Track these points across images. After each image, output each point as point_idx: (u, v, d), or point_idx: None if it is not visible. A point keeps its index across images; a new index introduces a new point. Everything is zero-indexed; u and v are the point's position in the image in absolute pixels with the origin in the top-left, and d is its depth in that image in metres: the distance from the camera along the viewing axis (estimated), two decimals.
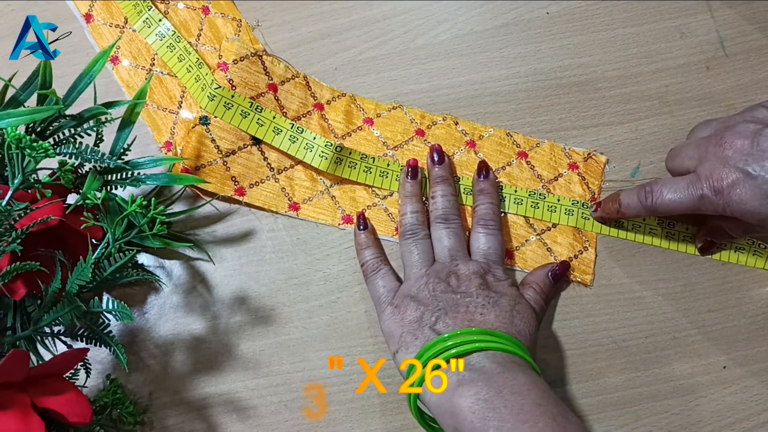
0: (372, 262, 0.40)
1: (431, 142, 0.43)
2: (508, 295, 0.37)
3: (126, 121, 0.38)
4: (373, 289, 0.40)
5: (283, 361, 0.40)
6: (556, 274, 0.40)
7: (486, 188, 0.42)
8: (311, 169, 0.43)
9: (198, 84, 0.42)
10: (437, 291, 0.37)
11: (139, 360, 0.40)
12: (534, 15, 0.46)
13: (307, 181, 0.43)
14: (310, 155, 0.42)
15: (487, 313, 0.36)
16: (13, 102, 0.36)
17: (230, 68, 0.42)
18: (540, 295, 0.39)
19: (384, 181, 0.43)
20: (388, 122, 0.44)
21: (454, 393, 0.32)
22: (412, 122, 0.44)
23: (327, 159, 0.41)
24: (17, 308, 0.35)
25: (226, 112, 0.41)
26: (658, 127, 0.44)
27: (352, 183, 0.43)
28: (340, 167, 0.42)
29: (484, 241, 0.40)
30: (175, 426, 0.39)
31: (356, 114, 0.44)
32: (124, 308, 0.33)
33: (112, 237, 0.34)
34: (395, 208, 0.43)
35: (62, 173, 0.34)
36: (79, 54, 0.45)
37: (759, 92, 0.45)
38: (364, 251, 0.41)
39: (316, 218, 0.42)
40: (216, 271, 0.42)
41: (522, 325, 0.36)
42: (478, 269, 0.38)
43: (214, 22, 0.45)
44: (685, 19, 0.46)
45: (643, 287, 0.42)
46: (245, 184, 0.42)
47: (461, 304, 0.36)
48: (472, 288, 0.37)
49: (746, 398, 0.40)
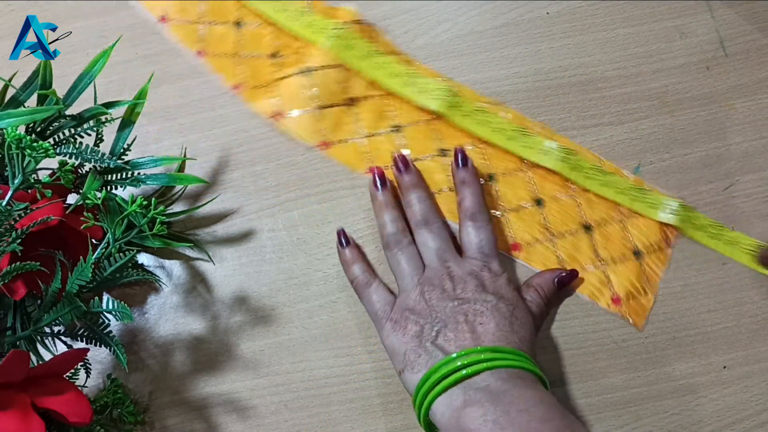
0: (362, 277, 0.40)
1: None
2: (506, 298, 0.37)
3: (126, 121, 0.38)
4: (367, 304, 0.39)
5: (283, 361, 0.40)
6: (563, 281, 0.40)
7: (467, 178, 0.40)
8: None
9: (310, 29, 0.43)
10: (433, 300, 0.37)
11: (139, 360, 0.40)
12: (534, 15, 0.46)
13: (390, 150, 0.43)
14: (423, 97, 0.42)
15: (486, 321, 0.35)
16: (13, 102, 0.36)
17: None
18: (543, 299, 0.39)
19: (494, 135, 0.43)
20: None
21: (462, 414, 0.32)
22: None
23: (440, 101, 0.42)
24: (17, 308, 0.35)
25: (345, 53, 0.43)
26: (658, 127, 0.44)
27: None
28: (453, 111, 0.42)
29: (475, 235, 0.39)
30: (175, 426, 0.39)
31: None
32: (124, 308, 0.33)
33: (112, 237, 0.34)
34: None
35: (62, 173, 0.34)
36: (79, 54, 0.45)
37: (759, 92, 0.44)
38: (352, 267, 0.40)
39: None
40: (216, 271, 0.42)
41: (522, 331, 0.36)
42: (471, 268, 0.38)
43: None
44: (685, 19, 0.46)
45: None
46: (334, 138, 0.43)
47: (459, 312, 0.36)
48: (469, 292, 0.37)
49: (746, 398, 0.40)
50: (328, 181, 0.43)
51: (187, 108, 0.45)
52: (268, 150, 0.44)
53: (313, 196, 0.43)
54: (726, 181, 0.43)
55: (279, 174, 0.44)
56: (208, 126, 0.45)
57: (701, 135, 0.44)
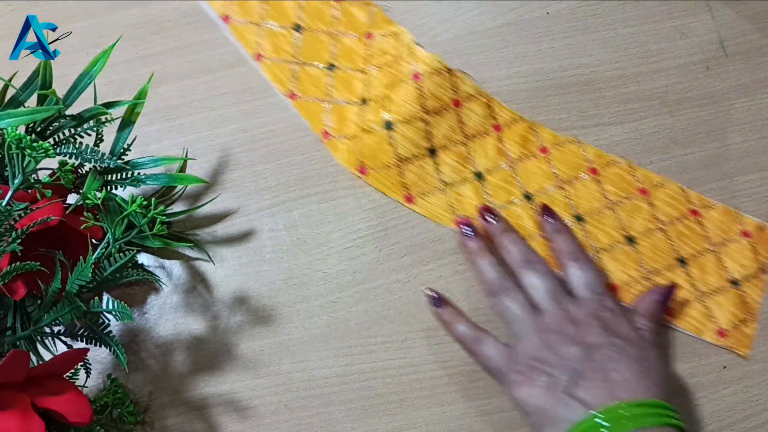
0: (471, 334, 0.38)
1: (604, 183, 0.43)
2: (631, 339, 0.35)
3: (126, 121, 0.38)
4: (485, 360, 0.37)
5: (283, 361, 0.40)
6: (665, 296, 0.38)
7: (559, 226, 0.40)
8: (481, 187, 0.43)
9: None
10: (558, 346, 0.35)
11: (139, 360, 0.40)
12: (534, 15, 0.46)
13: (474, 198, 0.43)
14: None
15: (621, 369, 0.34)
16: (13, 102, 0.36)
17: (422, 79, 0.42)
18: (655, 324, 0.37)
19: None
20: (562, 155, 0.43)
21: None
22: (587, 159, 0.43)
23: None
24: (17, 308, 0.35)
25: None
26: (658, 127, 0.44)
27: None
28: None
29: (581, 274, 0.38)
30: (175, 426, 0.39)
31: (532, 141, 0.44)
32: (124, 308, 0.33)
33: (112, 237, 0.34)
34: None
35: (62, 173, 0.34)
36: (79, 54, 0.45)
37: (759, 92, 0.45)
38: (456, 326, 0.38)
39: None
40: (216, 271, 0.42)
41: (655, 375, 0.34)
42: (590, 309, 0.36)
43: (348, 9, 0.46)
44: (685, 19, 0.46)
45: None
46: (415, 192, 0.42)
47: (591, 360, 0.34)
48: (593, 335, 0.35)
49: (746, 398, 0.40)
50: (328, 181, 0.43)
51: (187, 108, 0.45)
52: (268, 150, 0.44)
53: (313, 196, 0.43)
54: (726, 181, 0.43)
55: (279, 174, 0.44)
56: (208, 126, 0.45)
57: (701, 135, 0.44)
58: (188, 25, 0.47)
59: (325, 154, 0.44)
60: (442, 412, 0.39)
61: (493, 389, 0.39)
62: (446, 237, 0.42)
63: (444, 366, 0.40)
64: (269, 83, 0.45)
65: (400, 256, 0.42)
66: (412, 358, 0.40)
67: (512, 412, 0.39)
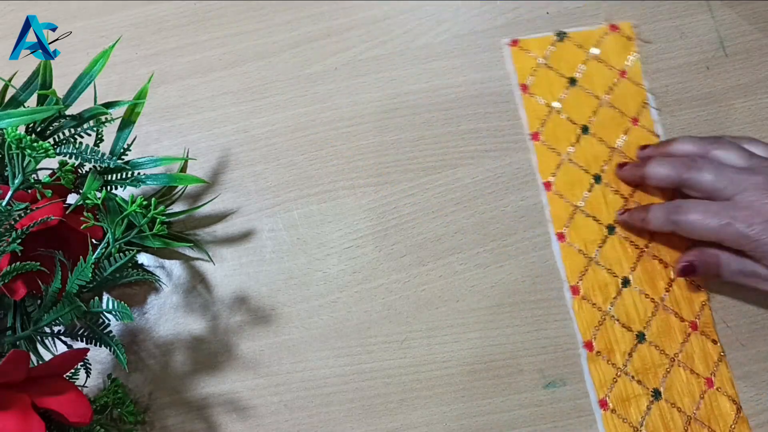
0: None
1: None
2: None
3: (126, 121, 0.38)
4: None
5: (283, 361, 0.40)
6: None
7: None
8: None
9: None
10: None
11: (139, 360, 0.40)
12: (534, 15, 0.46)
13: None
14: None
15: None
16: (13, 102, 0.36)
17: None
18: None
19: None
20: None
21: None
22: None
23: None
24: (17, 308, 0.35)
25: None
26: (658, 126, 0.44)
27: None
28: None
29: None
30: (175, 426, 0.39)
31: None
32: (124, 308, 0.33)
33: (112, 237, 0.34)
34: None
35: (62, 173, 0.34)
36: (79, 54, 0.45)
37: (759, 92, 0.45)
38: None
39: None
40: (216, 271, 0.42)
41: None
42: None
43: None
44: (685, 19, 0.46)
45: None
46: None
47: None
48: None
49: (746, 398, 0.40)
50: (328, 181, 0.43)
51: (187, 108, 0.45)
52: (268, 150, 0.44)
53: (313, 196, 0.43)
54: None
55: (279, 174, 0.44)
56: (208, 126, 0.45)
57: (701, 135, 0.44)
58: (188, 25, 0.47)
59: (325, 154, 0.44)
60: (442, 412, 0.39)
61: (493, 389, 0.39)
62: (446, 237, 0.42)
63: (444, 366, 0.40)
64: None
65: (400, 256, 0.42)
66: (412, 358, 0.40)
67: (512, 412, 0.39)
